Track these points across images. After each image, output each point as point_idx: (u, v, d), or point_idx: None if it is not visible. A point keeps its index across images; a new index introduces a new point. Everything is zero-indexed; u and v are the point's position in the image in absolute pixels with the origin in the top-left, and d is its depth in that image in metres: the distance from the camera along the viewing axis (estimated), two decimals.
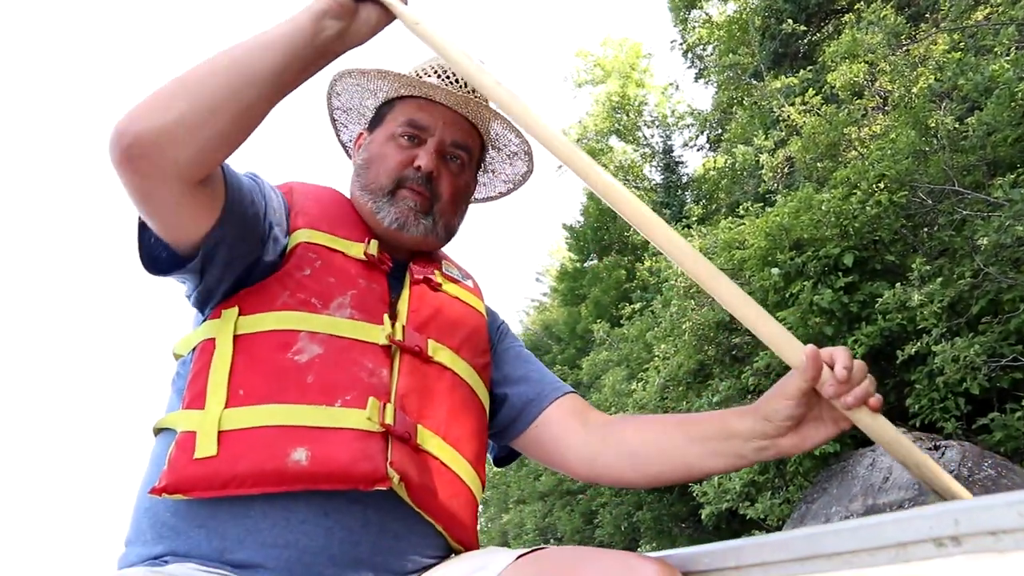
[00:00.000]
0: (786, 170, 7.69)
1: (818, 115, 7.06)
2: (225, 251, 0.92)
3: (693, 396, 6.61)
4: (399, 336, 0.99)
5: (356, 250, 1.04)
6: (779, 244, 5.87)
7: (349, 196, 1.16)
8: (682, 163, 17.96)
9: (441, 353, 1.04)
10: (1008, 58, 4.94)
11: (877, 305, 5.09)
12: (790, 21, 8.99)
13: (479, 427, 1.07)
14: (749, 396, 6.01)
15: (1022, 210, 4.46)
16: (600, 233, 18.71)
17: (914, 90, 6.65)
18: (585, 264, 19.23)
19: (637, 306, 11.13)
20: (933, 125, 5.81)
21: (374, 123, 1.19)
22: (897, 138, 6.21)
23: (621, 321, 11.80)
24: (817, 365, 0.83)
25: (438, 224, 1.12)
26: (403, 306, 1.04)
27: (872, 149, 6.47)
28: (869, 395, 0.83)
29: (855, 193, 5.65)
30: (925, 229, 6.16)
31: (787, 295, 5.66)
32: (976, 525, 0.52)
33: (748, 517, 5.71)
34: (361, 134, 1.21)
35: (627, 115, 19.72)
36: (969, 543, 0.52)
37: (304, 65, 0.90)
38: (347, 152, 1.32)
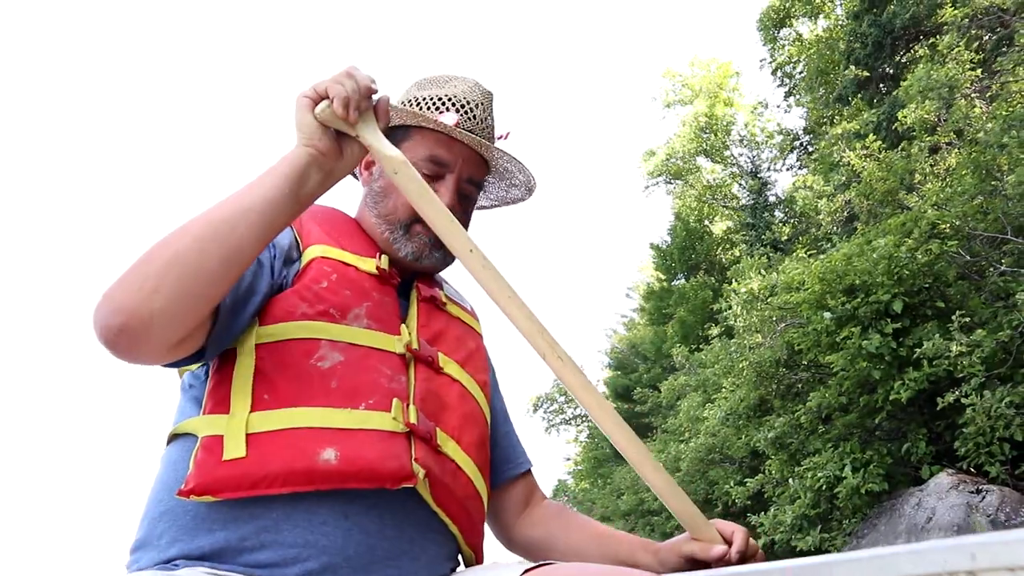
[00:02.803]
0: (846, 214, 7.86)
1: (878, 160, 7.23)
2: (232, 334, 0.92)
3: (752, 430, 6.94)
4: (415, 346, 1.02)
5: (368, 264, 1.05)
6: (833, 289, 6.15)
7: (356, 214, 1.17)
8: (770, 183, 17.82)
9: (450, 366, 1.07)
10: None
11: (920, 351, 5.32)
12: (852, 67, 9.09)
13: (485, 438, 1.10)
14: (801, 431, 6.31)
15: None
16: (687, 253, 18.86)
17: (988, 126, 6.72)
18: (672, 283, 19.39)
19: (716, 331, 11.29)
20: (1005, 164, 5.89)
21: None
22: (961, 179, 6.33)
23: (702, 345, 12.07)
24: (721, 556, 0.96)
25: (448, 257, 1.13)
26: (412, 320, 1.07)
27: (933, 190, 6.59)
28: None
29: (907, 241, 5.86)
30: (991, 269, 6.25)
31: (838, 339, 5.94)
32: (994, 560, 0.49)
33: (799, 548, 6.02)
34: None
35: (715, 135, 19.78)
36: None
37: (289, 218, 0.91)
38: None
